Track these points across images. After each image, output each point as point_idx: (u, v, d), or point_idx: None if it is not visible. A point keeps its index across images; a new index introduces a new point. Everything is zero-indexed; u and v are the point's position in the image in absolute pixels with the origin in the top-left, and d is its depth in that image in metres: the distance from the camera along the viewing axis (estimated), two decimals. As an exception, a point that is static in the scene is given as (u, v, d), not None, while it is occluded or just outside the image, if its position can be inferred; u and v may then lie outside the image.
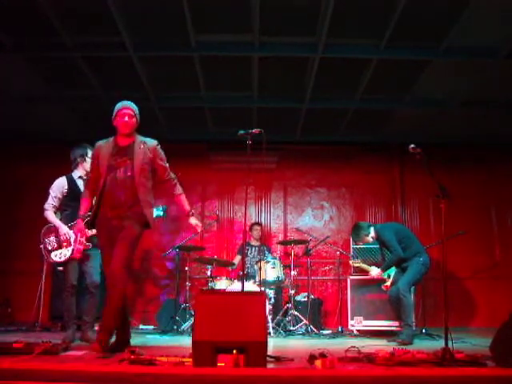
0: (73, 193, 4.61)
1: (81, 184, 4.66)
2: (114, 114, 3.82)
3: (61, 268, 4.88)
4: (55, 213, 4.66)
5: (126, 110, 3.81)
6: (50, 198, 4.65)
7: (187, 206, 4.00)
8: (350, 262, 6.25)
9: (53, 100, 6.47)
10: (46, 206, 4.63)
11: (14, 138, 7.57)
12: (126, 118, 3.78)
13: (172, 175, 3.98)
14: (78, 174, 4.74)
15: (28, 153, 7.61)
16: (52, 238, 4.54)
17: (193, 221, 4.00)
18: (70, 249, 4.47)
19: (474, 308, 7.31)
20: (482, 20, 4.68)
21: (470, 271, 7.37)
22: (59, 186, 4.65)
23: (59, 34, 5.00)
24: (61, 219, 4.65)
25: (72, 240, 4.49)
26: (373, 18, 4.78)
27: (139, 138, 3.84)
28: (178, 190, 3.98)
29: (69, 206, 4.62)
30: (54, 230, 4.56)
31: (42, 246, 4.57)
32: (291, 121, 7.14)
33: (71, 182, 4.67)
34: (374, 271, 5.68)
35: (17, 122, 7.13)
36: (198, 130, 7.39)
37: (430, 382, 2.24)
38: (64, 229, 4.51)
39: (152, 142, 3.87)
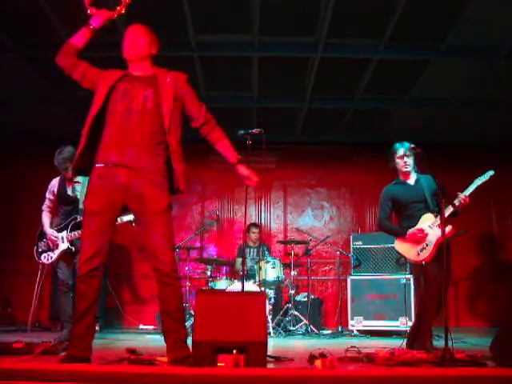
0: (61, 195, 4.77)
1: (69, 190, 4.77)
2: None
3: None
4: (53, 216, 4.82)
5: (133, 29, 2.91)
6: (45, 199, 4.86)
7: (233, 153, 3.09)
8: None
9: (53, 100, 6.47)
10: (43, 207, 4.83)
11: (14, 138, 7.57)
12: (132, 38, 2.86)
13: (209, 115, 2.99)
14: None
15: (28, 153, 7.60)
16: (43, 241, 4.73)
17: (243, 170, 3.03)
18: (57, 251, 4.65)
19: (474, 308, 7.30)
20: (482, 20, 4.68)
21: (470, 271, 7.37)
22: (50, 186, 4.85)
23: (59, 34, 5.00)
24: (54, 225, 4.82)
25: (58, 243, 4.65)
26: (373, 17, 4.78)
27: (162, 70, 2.91)
28: (220, 132, 3.12)
29: (60, 208, 4.81)
30: (45, 234, 4.74)
31: (34, 247, 4.77)
32: (291, 121, 7.14)
33: (61, 184, 4.80)
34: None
35: (17, 122, 7.13)
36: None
37: (429, 382, 2.23)
38: (49, 232, 4.68)
39: (180, 74, 2.93)
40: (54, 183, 4.84)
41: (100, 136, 2.76)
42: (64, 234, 4.67)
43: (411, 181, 4.19)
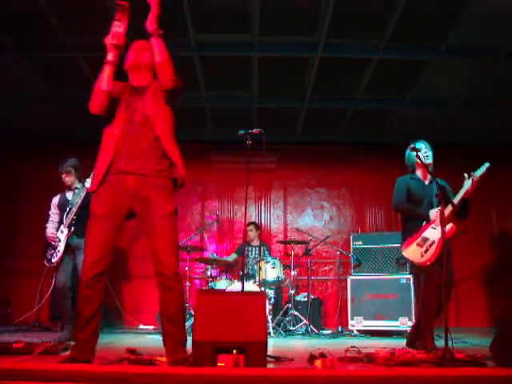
0: (62, 204, 4.98)
1: (69, 195, 4.99)
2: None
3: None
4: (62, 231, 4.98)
5: (140, 43, 2.96)
6: (49, 216, 5.07)
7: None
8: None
9: (53, 100, 6.47)
10: (47, 224, 5.03)
11: (14, 138, 7.57)
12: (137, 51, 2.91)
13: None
14: (67, 189, 5.08)
15: (28, 153, 7.61)
16: (50, 248, 4.91)
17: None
18: (62, 243, 4.80)
19: (474, 308, 7.30)
20: (482, 20, 4.68)
21: (470, 271, 7.36)
22: (53, 202, 5.09)
23: (59, 34, 5.00)
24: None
25: (59, 236, 4.86)
26: (373, 18, 4.78)
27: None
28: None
29: (61, 217, 4.98)
30: (48, 242, 4.94)
31: (44, 260, 4.92)
32: (291, 121, 7.14)
33: (62, 197, 5.06)
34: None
35: (17, 122, 7.13)
36: (198, 130, 7.39)
37: (429, 382, 2.23)
38: (48, 231, 4.93)
39: None
40: (56, 198, 5.07)
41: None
42: (61, 226, 4.88)
43: (427, 180, 4.21)
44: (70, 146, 7.19)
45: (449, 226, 3.88)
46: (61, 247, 4.82)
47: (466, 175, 3.99)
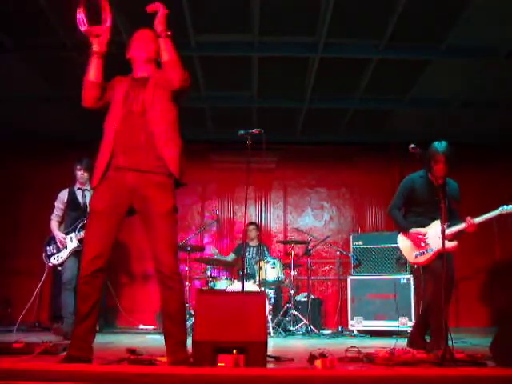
0: (72, 203, 5.16)
1: (80, 195, 5.16)
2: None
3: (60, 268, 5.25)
4: (60, 224, 5.22)
5: (143, 32, 2.93)
6: (54, 209, 5.23)
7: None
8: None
9: (53, 100, 6.47)
10: (52, 216, 5.21)
11: (14, 138, 7.57)
12: (142, 42, 2.88)
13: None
14: (77, 185, 5.22)
15: (28, 153, 7.60)
16: (52, 246, 5.11)
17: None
18: (67, 251, 5.00)
19: (474, 308, 7.30)
20: (482, 20, 4.68)
21: (470, 271, 7.36)
22: (60, 197, 5.23)
23: (59, 34, 5.00)
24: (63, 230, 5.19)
25: (67, 243, 5.00)
26: (373, 18, 4.78)
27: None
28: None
29: (68, 215, 5.18)
30: (54, 238, 5.12)
31: (43, 253, 5.14)
32: (291, 121, 7.14)
33: (71, 194, 5.20)
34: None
35: (17, 122, 7.13)
36: (198, 130, 7.39)
37: (429, 382, 2.23)
38: (59, 235, 5.06)
39: None
40: (64, 193, 5.20)
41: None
42: (73, 234, 5.02)
43: (437, 182, 3.97)
44: (70, 146, 7.20)
45: (453, 243, 3.86)
46: (64, 253, 4.98)
47: (468, 218, 3.98)
